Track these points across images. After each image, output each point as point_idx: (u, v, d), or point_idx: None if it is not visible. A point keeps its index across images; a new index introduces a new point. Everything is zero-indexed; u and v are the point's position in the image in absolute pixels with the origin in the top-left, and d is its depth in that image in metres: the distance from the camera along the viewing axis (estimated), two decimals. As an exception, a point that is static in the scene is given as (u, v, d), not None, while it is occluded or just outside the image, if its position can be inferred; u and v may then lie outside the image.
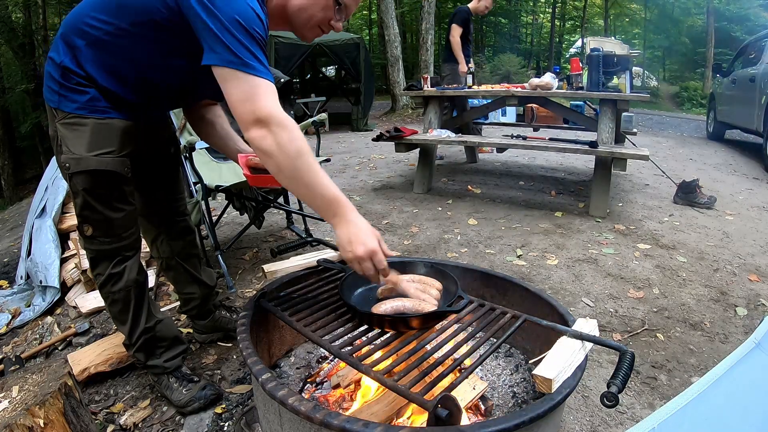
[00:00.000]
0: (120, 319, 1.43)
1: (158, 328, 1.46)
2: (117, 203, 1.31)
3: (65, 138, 1.24)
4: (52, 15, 12.31)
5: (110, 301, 1.40)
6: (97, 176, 1.25)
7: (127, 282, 1.37)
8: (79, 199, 1.28)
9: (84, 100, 1.22)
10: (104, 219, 1.30)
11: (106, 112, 1.24)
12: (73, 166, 1.24)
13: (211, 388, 1.50)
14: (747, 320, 2.03)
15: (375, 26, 22.58)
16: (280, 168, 1.05)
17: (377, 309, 1.17)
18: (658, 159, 4.80)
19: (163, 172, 1.55)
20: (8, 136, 11.18)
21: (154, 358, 1.48)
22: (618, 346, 1.01)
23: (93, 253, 1.36)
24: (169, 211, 1.59)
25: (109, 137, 1.26)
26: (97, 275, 1.38)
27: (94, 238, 1.33)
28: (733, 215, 3.40)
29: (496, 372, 1.44)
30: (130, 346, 1.46)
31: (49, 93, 1.25)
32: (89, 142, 1.23)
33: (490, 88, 4.24)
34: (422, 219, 3.31)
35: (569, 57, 16.33)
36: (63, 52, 1.21)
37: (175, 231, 1.62)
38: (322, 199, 1.09)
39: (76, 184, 1.26)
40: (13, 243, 3.48)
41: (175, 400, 1.47)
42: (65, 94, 1.22)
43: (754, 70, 5.80)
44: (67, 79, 1.21)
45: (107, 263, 1.36)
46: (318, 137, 2.92)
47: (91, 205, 1.28)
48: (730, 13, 16.41)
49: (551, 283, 2.33)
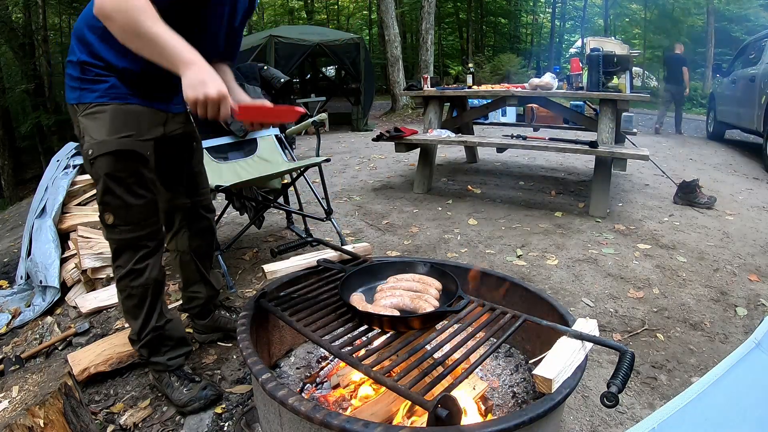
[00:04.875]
0: (132, 314, 1.44)
1: (167, 327, 1.48)
2: (137, 188, 1.34)
3: (87, 128, 1.28)
4: (52, 15, 12.32)
5: (126, 295, 1.42)
6: (118, 158, 1.28)
7: (147, 280, 1.40)
8: (100, 185, 1.31)
9: (104, 88, 1.26)
10: (124, 205, 1.33)
11: (126, 98, 1.29)
12: (95, 150, 1.27)
13: (212, 388, 1.50)
14: (747, 320, 2.03)
15: (375, 26, 22.60)
16: (123, 27, 1.09)
17: (377, 305, 1.17)
18: (658, 159, 4.80)
19: (186, 166, 1.56)
20: (8, 136, 11.16)
21: (158, 356, 1.49)
22: (618, 346, 1.01)
23: (115, 244, 1.38)
24: (193, 205, 1.61)
25: (129, 121, 1.30)
26: (118, 267, 1.39)
27: (115, 227, 1.35)
28: (733, 215, 3.40)
29: (496, 372, 1.44)
30: (136, 341, 1.47)
31: (70, 92, 1.30)
32: (110, 125, 1.27)
33: (490, 88, 4.24)
34: (422, 219, 3.31)
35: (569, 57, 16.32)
36: (79, 50, 1.26)
37: (198, 228, 1.64)
38: (173, 49, 1.09)
39: (98, 170, 1.29)
40: (13, 243, 3.48)
41: (175, 399, 1.47)
42: (85, 87, 1.27)
43: (754, 70, 5.80)
44: (86, 72, 1.26)
45: (129, 256, 1.38)
46: (318, 137, 2.92)
47: (112, 190, 1.30)
48: (730, 13, 16.39)
49: (551, 283, 2.33)
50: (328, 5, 25.35)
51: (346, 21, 25.40)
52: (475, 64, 13.85)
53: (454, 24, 24.03)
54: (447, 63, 23.67)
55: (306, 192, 3.10)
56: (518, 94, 3.82)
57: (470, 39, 22.85)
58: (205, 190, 1.65)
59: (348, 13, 25.75)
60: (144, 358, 1.50)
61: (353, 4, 25.51)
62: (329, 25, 22.07)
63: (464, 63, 18.36)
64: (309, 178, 2.77)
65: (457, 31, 24.26)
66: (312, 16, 23.43)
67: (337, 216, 3.19)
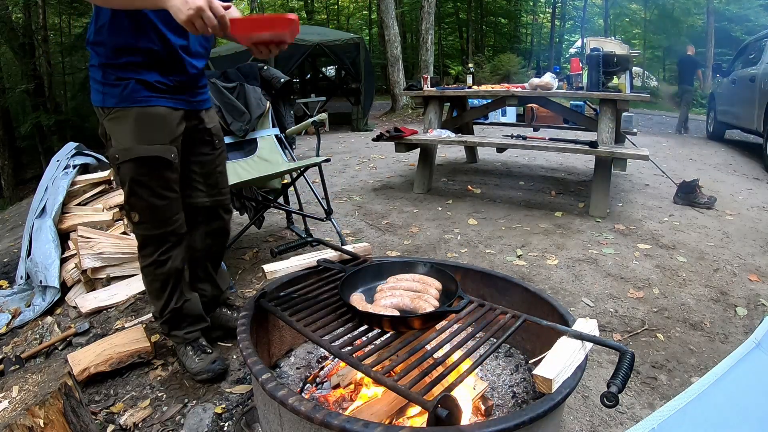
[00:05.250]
0: (155, 295, 1.56)
1: (185, 306, 1.60)
2: (162, 191, 1.42)
3: (112, 132, 1.36)
4: (52, 15, 12.31)
5: (150, 279, 1.54)
6: (144, 163, 1.36)
7: (170, 269, 1.51)
8: (126, 188, 1.39)
9: (125, 92, 1.32)
10: (150, 206, 1.42)
11: (148, 101, 1.35)
12: (122, 155, 1.35)
13: (220, 362, 1.61)
14: (747, 320, 2.03)
15: (375, 26, 22.60)
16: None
17: (377, 305, 1.17)
18: (658, 159, 4.80)
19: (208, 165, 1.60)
20: (8, 136, 11.15)
21: (177, 330, 1.62)
22: (618, 346, 1.01)
23: (141, 238, 1.49)
24: (212, 205, 1.65)
25: (153, 125, 1.37)
26: (143, 257, 1.51)
27: (141, 224, 1.45)
28: (733, 215, 3.40)
29: (496, 372, 1.44)
30: (158, 318, 1.61)
31: (95, 94, 1.37)
32: (135, 131, 1.34)
33: (490, 88, 4.23)
34: (422, 219, 3.31)
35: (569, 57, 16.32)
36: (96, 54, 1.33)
37: (213, 228, 1.69)
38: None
39: (125, 174, 1.37)
40: (13, 243, 3.48)
41: (189, 367, 1.61)
42: (107, 91, 1.34)
43: (754, 70, 5.79)
44: (107, 76, 1.33)
45: (154, 248, 1.48)
46: (318, 137, 2.92)
47: (137, 193, 1.39)
48: (730, 13, 16.39)
49: (551, 283, 2.33)
50: (328, 5, 25.34)
51: (346, 21, 25.40)
52: (475, 64, 13.85)
53: (454, 24, 24.03)
54: (447, 63, 23.66)
55: (306, 192, 3.10)
56: (518, 94, 3.81)
57: (470, 39, 22.85)
58: (226, 191, 1.70)
59: (348, 13, 25.75)
60: (165, 332, 1.64)
61: (353, 4, 25.51)
62: (329, 25, 22.06)
63: (464, 63, 18.36)
64: (309, 178, 2.78)
65: (457, 31, 24.26)
66: (312, 16, 23.43)
67: (337, 216, 3.19)
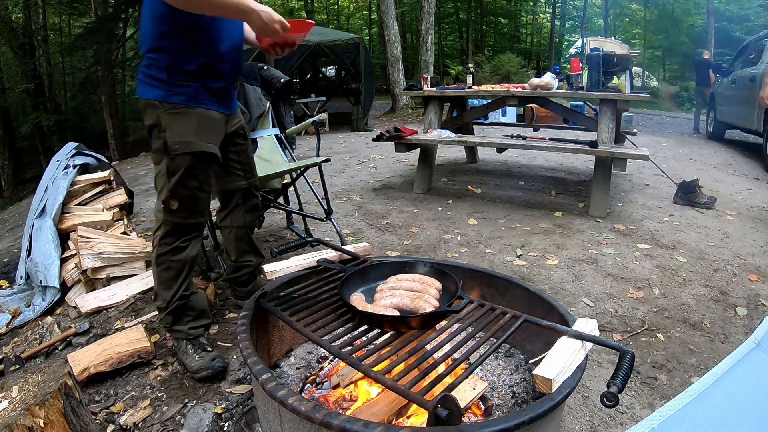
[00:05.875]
0: (166, 284, 1.60)
1: (191, 299, 1.65)
2: (206, 185, 1.60)
3: (171, 124, 1.47)
4: (52, 15, 12.33)
5: (165, 267, 1.59)
6: (199, 157, 1.52)
7: (187, 257, 1.60)
8: (176, 177, 1.50)
9: (191, 93, 1.48)
10: (192, 197, 1.55)
11: (207, 104, 1.53)
12: (182, 147, 1.48)
13: (221, 360, 1.62)
14: (747, 320, 2.03)
15: (375, 26, 22.60)
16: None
17: (377, 305, 1.17)
18: (658, 159, 4.80)
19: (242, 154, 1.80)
20: (8, 136, 11.17)
21: (180, 324, 1.65)
22: (618, 346, 1.01)
23: (170, 225, 1.56)
24: (249, 186, 1.86)
25: (210, 126, 1.56)
26: (163, 244, 1.57)
27: (177, 212, 1.54)
28: (733, 215, 3.40)
29: (496, 372, 1.44)
30: (164, 309, 1.63)
31: (149, 89, 1.47)
32: (197, 127, 1.50)
33: (490, 88, 4.23)
34: (422, 219, 3.31)
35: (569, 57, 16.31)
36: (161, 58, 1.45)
37: (251, 205, 1.91)
38: (237, 3, 1.32)
39: (179, 164, 1.49)
40: (13, 243, 3.48)
41: (189, 365, 1.62)
42: (171, 89, 1.46)
43: (754, 70, 5.79)
44: (174, 76, 1.46)
45: (178, 236, 1.57)
46: (318, 137, 2.92)
47: (186, 184, 1.52)
48: (730, 13, 16.39)
49: (551, 283, 2.33)
50: (328, 5, 25.35)
51: (346, 21, 25.41)
52: (475, 64, 13.86)
53: (454, 24, 24.03)
54: (447, 63, 23.67)
55: (306, 192, 3.10)
56: (518, 94, 3.81)
57: (470, 39, 22.85)
58: (255, 173, 1.91)
59: (348, 13, 25.76)
60: (168, 325, 1.65)
61: (353, 4, 25.51)
62: (329, 25, 22.06)
63: (464, 63, 18.37)
64: (309, 178, 2.77)
65: (457, 31, 24.25)
66: (312, 16, 23.42)
67: (337, 216, 3.19)
